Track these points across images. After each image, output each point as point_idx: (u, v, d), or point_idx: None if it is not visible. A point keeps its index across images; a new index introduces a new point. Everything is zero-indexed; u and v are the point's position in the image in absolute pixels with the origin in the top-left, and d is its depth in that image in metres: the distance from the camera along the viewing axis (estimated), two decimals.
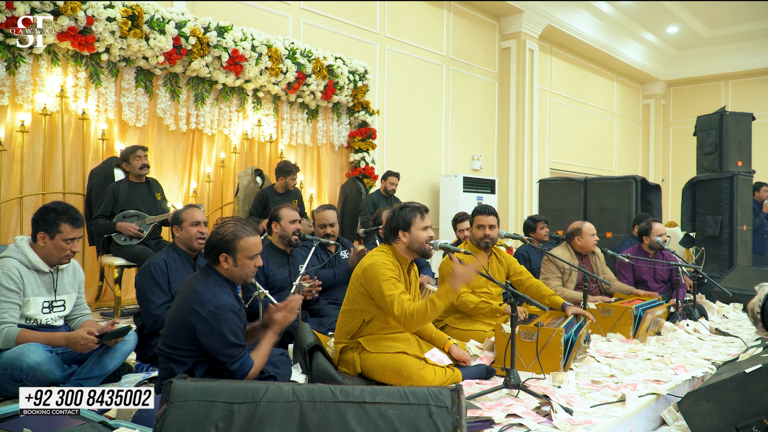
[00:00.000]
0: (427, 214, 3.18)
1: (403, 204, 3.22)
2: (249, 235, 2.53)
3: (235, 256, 2.51)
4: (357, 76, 7.53)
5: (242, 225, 2.54)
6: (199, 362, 2.44)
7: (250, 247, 2.52)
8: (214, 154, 6.51)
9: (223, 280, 2.53)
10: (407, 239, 3.14)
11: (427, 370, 2.89)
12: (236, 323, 2.42)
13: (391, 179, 7.02)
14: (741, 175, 7.28)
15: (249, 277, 2.58)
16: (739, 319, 5.18)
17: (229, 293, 2.49)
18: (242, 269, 2.53)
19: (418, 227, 3.13)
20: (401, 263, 3.16)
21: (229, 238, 2.49)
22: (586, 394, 2.97)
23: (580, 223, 4.86)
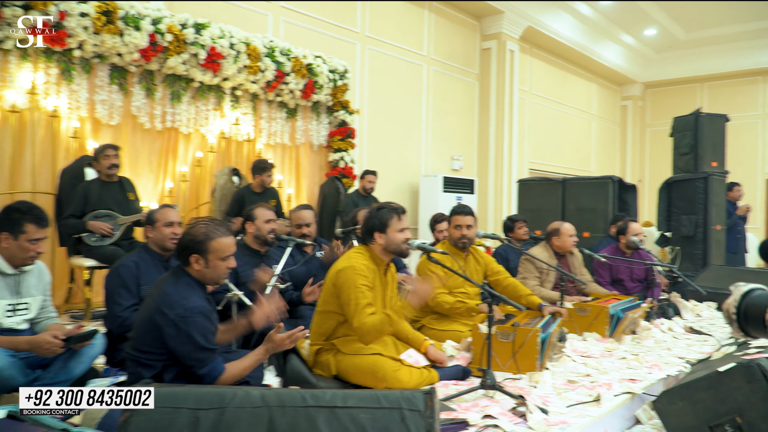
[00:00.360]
0: (404, 215, 3.15)
1: (379, 205, 3.19)
2: (222, 236, 2.47)
3: (207, 257, 2.45)
4: (337, 75, 7.48)
5: (215, 225, 2.48)
6: (168, 366, 2.38)
7: (223, 248, 2.46)
8: (190, 153, 6.42)
9: (194, 281, 2.47)
10: (383, 241, 3.11)
11: (403, 372, 2.86)
12: (206, 326, 2.36)
13: (369, 177, 6.98)
14: (715, 176, 7.37)
15: (221, 279, 2.52)
16: (712, 318, 5.23)
17: (199, 295, 2.43)
18: (214, 271, 2.47)
19: (395, 229, 3.10)
20: (377, 265, 3.14)
21: (200, 239, 2.43)
22: (561, 393, 2.96)
23: (559, 223, 4.88)
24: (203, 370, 2.34)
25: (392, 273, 3.30)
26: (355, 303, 2.93)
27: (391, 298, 3.31)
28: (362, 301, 2.91)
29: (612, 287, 5.25)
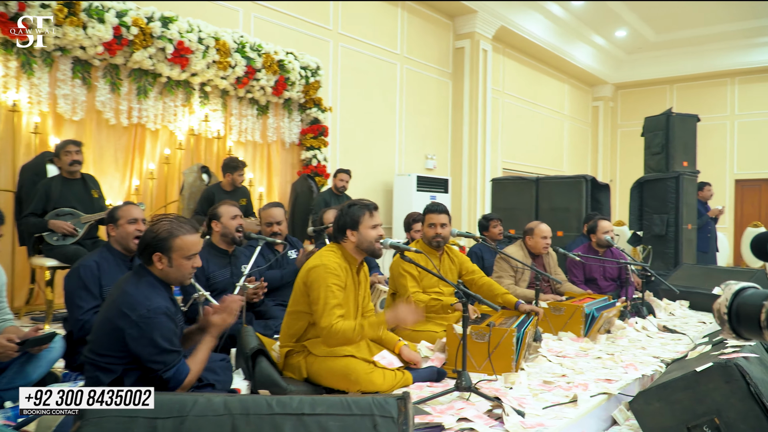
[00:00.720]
0: (376, 211, 3.06)
1: (351, 201, 3.10)
2: (186, 233, 2.35)
3: (170, 256, 2.33)
4: (309, 72, 7.36)
5: (179, 222, 2.36)
6: (129, 370, 2.26)
7: (187, 246, 2.34)
8: (158, 150, 6.24)
9: (157, 281, 2.35)
10: (356, 238, 3.02)
11: (376, 374, 2.77)
12: (170, 328, 2.24)
13: (341, 176, 6.88)
14: (686, 175, 7.43)
15: (186, 279, 2.40)
16: (685, 316, 5.26)
17: (163, 296, 2.31)
18: (178, 270, 2.35)
19: (367, 225, 3.01)
20: (350, 263, 3.05)
21: (163, 236, 2.31)
22: (538, 395, 2.90)
23: (535, 223, 4.84)
24: (168, 374, 2.22)
25: (365, 273, 3.21)
26: (324, 302, 2.84)
27: (364, 299, 3.22)
28: (331, 300, 2.82)
29: (585, 286, 5.24)
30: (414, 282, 3.75)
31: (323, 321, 2.80)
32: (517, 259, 4.41)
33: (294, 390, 2.78)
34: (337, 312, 2.83)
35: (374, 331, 2.84)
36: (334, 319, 2.80)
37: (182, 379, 2.26)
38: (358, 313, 3.12)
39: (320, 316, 2.82)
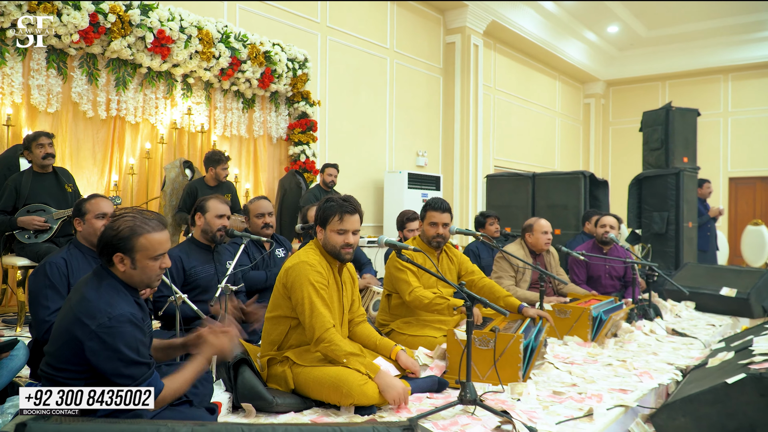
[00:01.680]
0: (350, 215, 2.76)
1: (330, 197, 2.84)
2: (152, 231, 2.06)
3: (134, 257, 2.04)
4: (296, 64, 7.08)
5: (143, 218, 2.07)
6: (92, 386, 1.96)
7: (153, 246, 2.05)
8: (138, 144, 5.94)
9: (120, 284, 2.06)
10: (321, 237, 2.79)
11: (370, 386, 2.50)
12: (136, 337, 1.96)
13: (329, 170, 6.61)
14: (687, 172, 7.23)
15: (153, 282, 2.11)
16: (692, 318, 5.04)
17: (127, 300, 2.02)
18: (143, 272, 2.06)
19: (333, 228, 2.75)
20: (330, 262, 2.80)
21: (125, 235, 2.02)
22: (548, 407, 2.66)
23: (534, 219, 4.60)
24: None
25: (350, 274, 2.95)
26: (310, 304, 2.60)
27: (352, 303, 2.96)
28: (316, 300, 2.62)
29: (587, 286, 5.01)
30: (414, 278, 3.48)
31: (317, 326, 2.59)
32: (520, 259, 4.16)
33: (280, 403, 2.51)
34: (327, 316, 2.59)
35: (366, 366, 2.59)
36: (328, 323, 2.59)
37: (155, 395, 1.98)
38: (343, 318, 2.87)
39: (310, 318, 2.60)
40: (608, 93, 16.58)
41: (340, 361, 2.56)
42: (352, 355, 2.58)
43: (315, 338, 2.59)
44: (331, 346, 2.57)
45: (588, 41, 14.20)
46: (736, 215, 14.29)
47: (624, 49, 15.22)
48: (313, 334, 2.60)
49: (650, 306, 4.59)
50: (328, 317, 2.62)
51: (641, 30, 13.97)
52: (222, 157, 5.40)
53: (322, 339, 2.58)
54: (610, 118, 16.63)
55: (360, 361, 2.58)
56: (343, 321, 2.87)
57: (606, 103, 16.61)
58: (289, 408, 2.53)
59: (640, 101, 15.57)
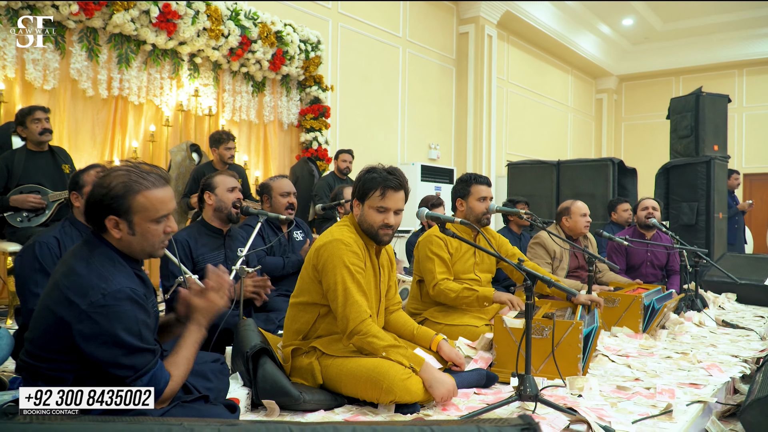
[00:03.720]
0: (393, 192, 2.36)
1: (373, 167, 2.45)
2: (151, 187, 1.67)
3: (131, 219, 1.65)
4: (309, 46, 6.72)
5: (140, 172, 1.69)
6: (83, 378, 1.61)
7: (154, 205, 1.67)
8: (142, 127, 5.58)
9: (117, 254, 1.69)
10: (358, 212, 2.42)
11: (414, 381, 2.14)
12: (137, 318, 1.59)
13: (344, 156, 6.25)
14: (718, 160, 6.85)
15: (157, 250, 1.73)
16: (737, 310, 4.67)
17: (126, 273, 1.65)
18: (144, 238, 1.68)
19: (372, 204, 2.37)
20: (367, 243, 2.43)
21: (118, 192, 1.63)
22: (616, 404, 2.29)
23: (570, 201, 4.24)
24: (140, 383, 1.58)
25: (388, 255, 2.59)
26: (344, 290, 2.24)
27: (389, 290, 2.59)
28: (351, 287, 2.25)
29: (626, 275, 4.65)
30: (443, 267, 3.11)
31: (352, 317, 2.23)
32: (565, 239, 3.80)
33: (308, 400, 2.15)
34: (364, 304, 2.24)
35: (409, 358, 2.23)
36: (364, 314, 2.23)
37: (161, 389, 1.62)
38: (380, 306, 2.50)
39: (343, 307, 2.24)
40: (621, 88, 16.26)
41: (379, 355, 2.20)
42: (392, 347, 2.22)
43: (349, 330, 2.23)
44: (367, 338, 2.21)
45: (602, 34, 13.87)
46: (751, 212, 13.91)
47: (638, 43, 14.88)
48: (347, 326, 2.24)
49: (697, 296, 4.22)
50: (365, 306, 2.26)
51: (657, 23, 13.61)
52: (224, 136, 5.04)
53: (357, 331, 2.22)
54: (623, 113, 16.31)
55: (401, 352, 2.21)
56: (379, 310, 2.50)
57: (618, 98, 16.28)
58: (319, 405, 2.17)
59: (653, 97, 15.28)
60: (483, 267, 3.28)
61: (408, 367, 2.15)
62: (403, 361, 2.16)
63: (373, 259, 2.45)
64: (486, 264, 3.30)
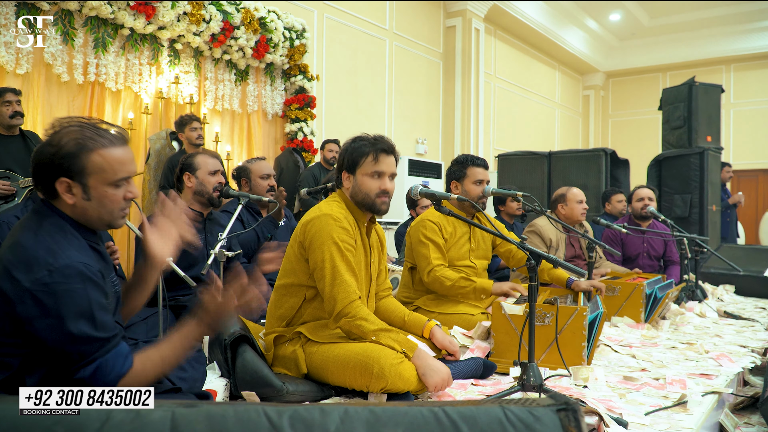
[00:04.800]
0: (385, 155, 2.23)
1: (357, 136, 2.30)
2: (109, 145, 1.46)
3: (86, 182, 1.44)
4: (294, 34, 6.53)
5: (95, 129, 1.47)
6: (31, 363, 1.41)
7: (111, 165, 1.45)
8: (120, 114, 5.35)
9: (69, 223, 1.47)
10: (350, 185, 2.24)
11: (407, 367, 1.97)
12: (91, 298, 1.38)
13: (330, 146, 6.05)
14: (711, 152, 6.75)
15: (117, 219, 1.51)
16: (737, 302, 4.55)
17: (79, 246, 1.44)
18: (101, 204, 1.47)
19: (366, 171, 2.21)
20: (357, 219, 2.25)
21: (70, 151, 1.42)
22: (625, 396, 2.13)
23: (565, 188, 4.10)
24: (90, 368, 1.38)
25: (379, 237, 2.41)
26: (332, 267, 2.07)
27: (381, 274, 2.42)
28: (340, 264, 2.07)
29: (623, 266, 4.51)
30: (438, 253, 2.94)
31: (340, 297, 2.05)
32: (572, 229, 3.65)
33: (292, 391, 1.97)
34: (353, 285, 2.07)
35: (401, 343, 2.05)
36: (353, 295, 2.05)
37: (114, 380, 1.38)
38: (370, 289, 2.33)
39: (331, 287, 2.06)
40: (608, 85, 16.23)
41: (368, 339, 2.03)
42: (382, 331, 2.04)
43: (336, 312, 2.06)
44: (356, 321, 2.03)
45: (589, 30, 13.81)
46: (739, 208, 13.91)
47: (624, 39, 14.84)
48: (334, 307, 2.06)
49: (697, 286, 4.09)
50: (354, 287, 2.08)
51: (644, 18, 13.57)
52: (185, 118, 4.82)
53: (344, 313, 2.05)
54: (610, 110, 16.29)
55: (393, 337, 2.04)
56: (369, 293, 2.32)
57: (605, 95, 16.25)
58: (303, 397, 1.99)
59: (640, 93, 15.27)
60: (479, 253, 3.11)
61: (400, 351, 1.98)
62: (394, 346, 1.99)
63: (363, 238, 2.27)
64: (482, 250, 3.13)
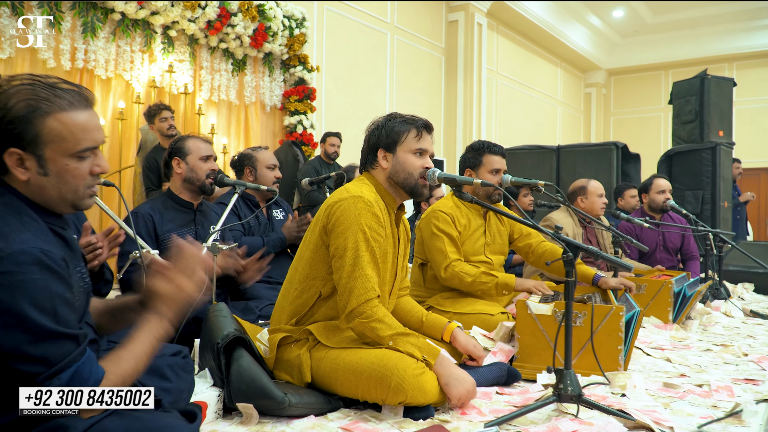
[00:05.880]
0: (426, 133, 2.02)
1: (391, 114, 2.06)
2: (69, 108, 1.20)
3: (42, 153, 1.19)
4: (293, 22, 6.29)
5: (51, 87, 1.20)
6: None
7: (74, 132, 1.20)
8: (110, 103, 5.11)
9: (25, 203, 1.22)
10: (389, 164, 1.98)
11: (428, 378, 1.72)
12: (52, 290, 1.13)
13: (331, 140, 5.81)
14: (723, 147, 6.52)
15: (82, 198, 1.27)
16: (759, 300, 4.32)
17: (38, 230, 1.19)
18: (62, 180, 1.22)
19: (409, 148, 1.97)
20: (388, 205, 2.00)
21: (19, 114, 1.16)
22: (670, 405, 1.90)
23: (585, 180, 3.87)
24: (57, 381, 1.13)
25: (405, 227, 2.16)
26: (355, 256, 1.81)
27: (402, 268, 2.15)
28: (364, 256, 1.81)
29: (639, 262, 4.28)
30: (454, 246, 2.70)
31: (355, 293, 1.79)
32: (598, 221, 3.42)
33: (295, 403, 1.71)
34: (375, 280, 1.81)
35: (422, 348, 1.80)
36: (371, 293, 1.79)
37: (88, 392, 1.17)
38: (393, 287, 2.07)
39: (347, 280, 1.80)
40: (609, 82, 16.06)
41: (384, 344, 1.77)
42: (400, 335, 1.79)
43: (349, 308, 1.79)
44: (371, 323, 1.77)
45: (592, 26, 13.61)
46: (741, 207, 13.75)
47: (627, 36, 14.66)
48: (348, 302, 1.80)
49: (721, 284, 3.86)
50: (374, 282, 1.81)
51: (647, 15, 13.38)
52: (153, 108, 4.50)
53: (359, 312, 1.78)
54: (612, 108, 16.13)
55: (412, 342, 1.79)
56: (391, 292, 2.06)
57: (607, 92, 16.09)
58: (308, 410, 1.74)
59: (641, 91, 15.15)
60: (494, 248, 2.87)
61: (421, 359, 1.73)
62: (414, 353, 1.74)
63: (393, 228, 2.01)
64: (498, 245, 2.89)
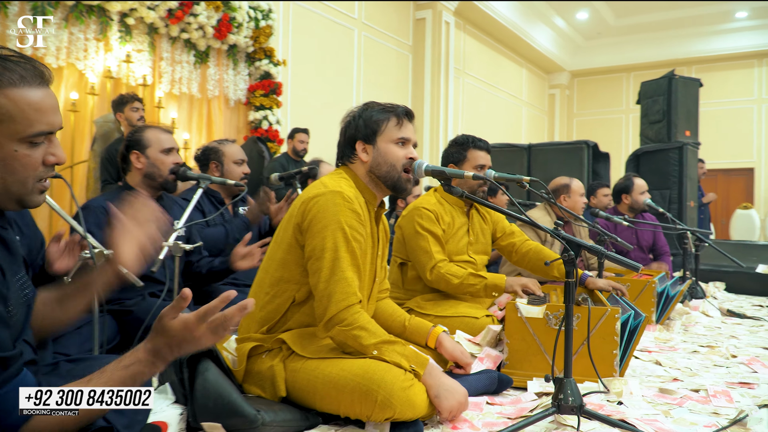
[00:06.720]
0: (407, 121, 1.87)
1: (368, 102, 1.89)
2: (20, 83, 1.04)
3: None
4: (259, 14, 6.06)
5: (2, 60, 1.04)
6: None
7: (25, 112, 1.04)
8: (62, 93, 4.80)
9: None
10: (369, 157, 1.82)
11: (417, 390, 1.55)
12: None
13: (300, 136, 5.60)
14: (690, 146, 6.56)
15: (31, 192, 1.09)
16: (730, 299, 4.30)
17: None
18: (7, 168, 1.04)
19: (390, 138, 1.82)
20: (368, 201, 1.83)
21: None
22: (670, 413, 1.78)
23: (567, 179, 3.79)
24: None
25: (384, 226, 1.99)
26: (334, 258, 1.63)
27: (382, 269, 1.98)
28: (344, 257, 1.63)
29: None
30: (439, 246, 2.54)
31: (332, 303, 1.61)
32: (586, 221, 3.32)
33: (269, 421, 1.53)
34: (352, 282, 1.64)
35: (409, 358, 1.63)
36: (353, 297, 1.62)
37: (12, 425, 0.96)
38: (372, 290, 1.90)
39: (325, 290, 1.62)
40: (573, 84, 16.25)
41: (368, 354, 1.60)
42: (386, 343, 1.62)
43: (328, 316, 1.61)
44: (353, 331, 1.60)
45: (556, 28, 13.74)
46: None
47: (591, 38, 14.84)
48: (327, 308, 1.62)
49: (696, 283, 3.81)
50: (355, 287, 1.64)
51: (610, 18, 13.56)
52: (126, 97, 4.27)
53: (339, 319, 1.61)
54: (575, 109, 16.32)
55: (398, 350, 1.62)
56: (371, 295, 1.89)
57: (570, 94, 16.29)
58: (284, 428, 1.55)
59: (604, 93, 15.39)
60: (478, 247, 2.73)
61: (409, 370, 1.57)
62: (402, 363, 1.57)
63: (373, 227, 1.84)
64: (481, 244, 2.75)
